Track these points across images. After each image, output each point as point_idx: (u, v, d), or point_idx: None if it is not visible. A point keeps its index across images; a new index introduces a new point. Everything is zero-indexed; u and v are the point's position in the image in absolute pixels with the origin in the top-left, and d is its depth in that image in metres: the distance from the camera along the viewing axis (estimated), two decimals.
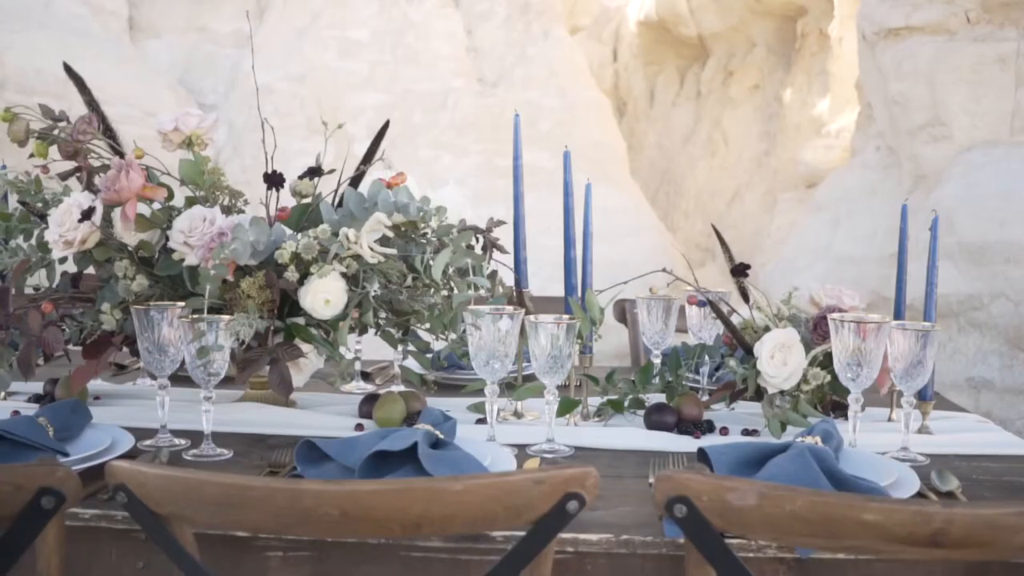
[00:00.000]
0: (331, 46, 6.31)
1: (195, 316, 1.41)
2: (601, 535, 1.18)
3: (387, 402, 1.62)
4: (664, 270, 1.70)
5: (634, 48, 9.03)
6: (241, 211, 1.73)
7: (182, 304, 1.50)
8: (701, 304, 1.81)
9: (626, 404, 1.70)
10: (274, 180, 1.49)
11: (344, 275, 1.50)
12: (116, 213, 1.62)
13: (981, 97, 3.99)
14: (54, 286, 1.70)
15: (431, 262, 1.51)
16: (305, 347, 1.54)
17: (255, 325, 1.43)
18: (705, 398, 1.72)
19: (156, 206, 1.61)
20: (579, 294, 1.65)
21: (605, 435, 1.60)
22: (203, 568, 1.07)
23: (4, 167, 1.75)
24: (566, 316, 1.52)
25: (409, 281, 1.57)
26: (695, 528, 1.05)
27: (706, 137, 8.31)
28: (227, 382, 1.74)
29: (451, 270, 1.56)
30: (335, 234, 1.47)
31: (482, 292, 1.54)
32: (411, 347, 1.74)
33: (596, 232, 2.06)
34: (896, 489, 1.31)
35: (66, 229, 1.50)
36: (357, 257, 1.51)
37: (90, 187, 1.73)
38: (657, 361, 1.84)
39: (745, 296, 1.72)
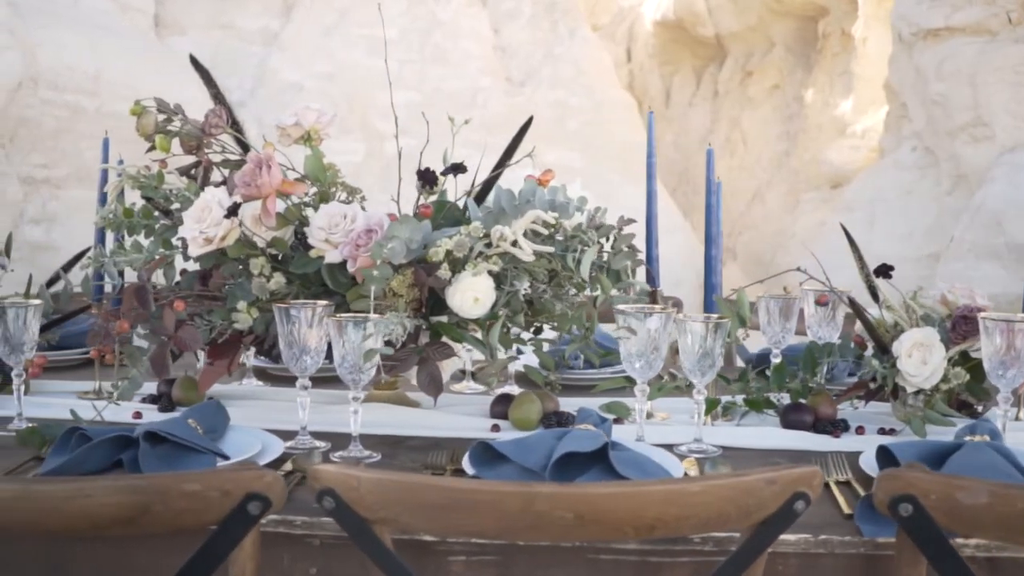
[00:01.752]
0: (359, 44, 6.27)
1: (359, 316, 1.38)
2: (798, 535, 1.16)
3: (524, 402, 1.59)
4: (799, 269, 1.69)
5: (649, 48, 9.02)
6: (362, 208, 1.71)
7: (324, 303, 1.47)
8: (823, 304, 1.80)
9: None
10: (428, 178, 1.46)
11: (490, 273, 1.47)
12: (244, 209, 1.58)
13: None
14: (173, 284, 1.66)
15: (580, 259, 1.48)
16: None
17: (407, 325, 1.40)
18: (834, 397, 1.71)
19: (291, 202, 1.58)
20: (720, 292, 1.64)
21: (744, 434, 1.59)
22: (413, 574, 1.05)
23: (121, 162, 1.71)
24: (715, 315, 1.50)
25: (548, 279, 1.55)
26: (920, 527, 1.03)
27: (724, 137, 8.32)
28: (335, 383, 1.70)
29: (594, 269, 1.54)
30: (486, 233, 1.45)
31: (639, 290, 1.52)
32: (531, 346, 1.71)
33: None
34: None
35: (207, 226, 1.47)
36: (503, 255, 1.48)
37: (206, 181, 1.69)
38: (776, 360, 1.83)
39: (875, 295, 1.71)
